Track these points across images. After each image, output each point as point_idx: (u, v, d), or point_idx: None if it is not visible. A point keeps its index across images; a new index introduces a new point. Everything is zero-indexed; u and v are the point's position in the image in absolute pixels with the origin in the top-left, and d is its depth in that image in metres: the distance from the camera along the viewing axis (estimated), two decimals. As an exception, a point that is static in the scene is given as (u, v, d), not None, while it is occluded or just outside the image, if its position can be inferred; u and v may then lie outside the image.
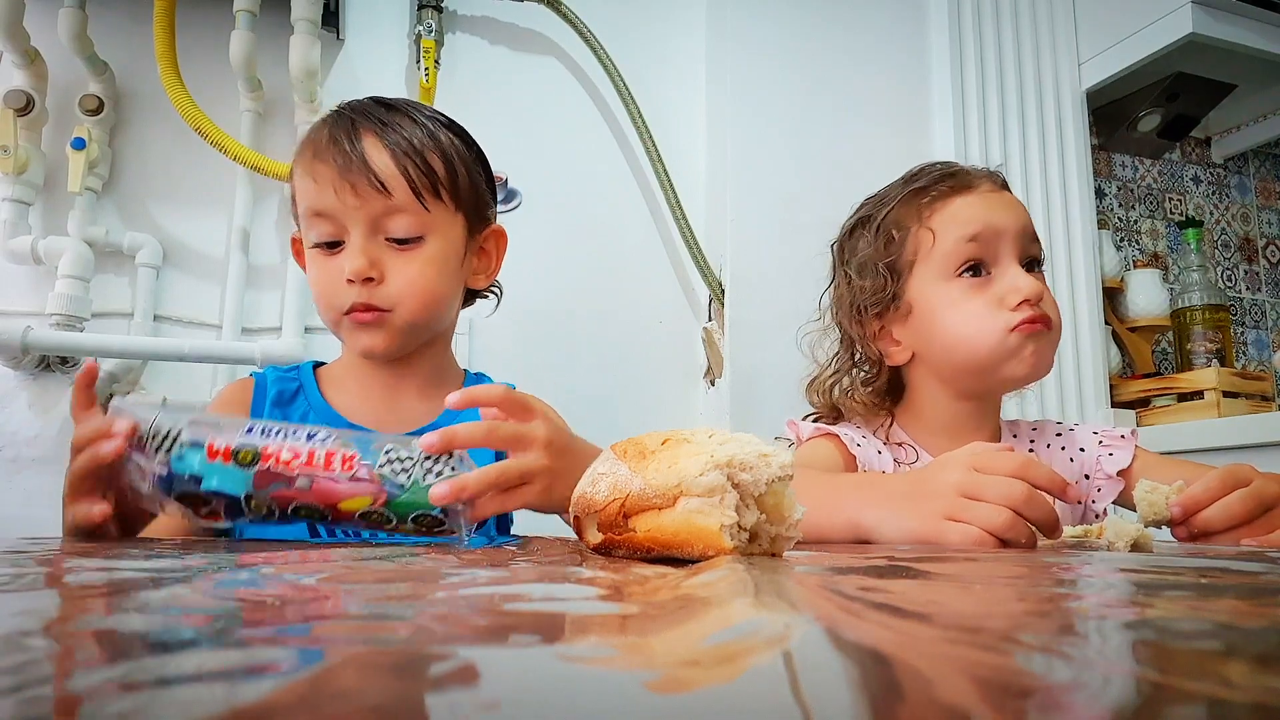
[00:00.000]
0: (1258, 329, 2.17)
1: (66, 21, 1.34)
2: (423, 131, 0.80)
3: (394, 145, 0.77)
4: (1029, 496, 0.57)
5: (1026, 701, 0.14)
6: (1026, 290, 0.86)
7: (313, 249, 0.79)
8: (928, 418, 0.94)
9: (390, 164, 0.77)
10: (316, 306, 0.82)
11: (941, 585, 0.32)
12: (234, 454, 0.54)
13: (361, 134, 0.77)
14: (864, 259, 0.95)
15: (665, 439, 0.45)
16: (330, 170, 0.76)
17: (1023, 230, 0.90)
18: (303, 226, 0.81)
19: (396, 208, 0.77)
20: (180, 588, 0.30)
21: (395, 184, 0.76)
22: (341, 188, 0.75)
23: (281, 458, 0.55)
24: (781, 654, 0.18)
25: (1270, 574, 0.35)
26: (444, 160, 0.80)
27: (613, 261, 1.70)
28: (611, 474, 0.44)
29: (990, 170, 0.95)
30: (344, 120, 0.79)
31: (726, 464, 0.40)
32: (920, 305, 0.91)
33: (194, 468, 0.54)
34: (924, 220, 0.91)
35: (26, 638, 0.20)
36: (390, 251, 0.78)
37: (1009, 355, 0.86)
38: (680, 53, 1.80)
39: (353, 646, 0.19)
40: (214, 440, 0.55)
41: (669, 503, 0.41)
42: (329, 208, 0.77)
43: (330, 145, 0.77)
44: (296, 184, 0.80)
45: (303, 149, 0.80)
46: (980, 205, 0.90)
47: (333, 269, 0.78)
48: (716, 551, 0.39)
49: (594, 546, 0.46)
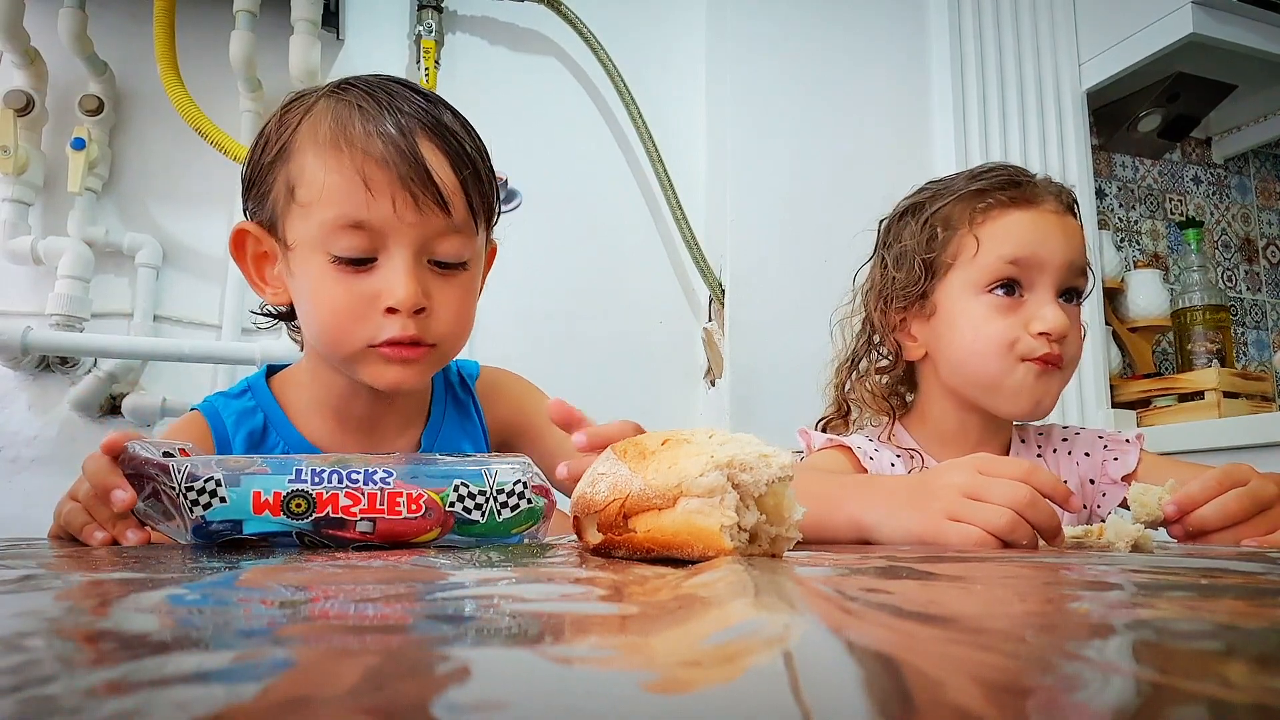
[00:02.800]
0: (1258, 329, 2.17)
1: (66, 21, 1.34)
2: (470, 136, 0.69)
3: (452, 152, 0.66)
4: (1032, 499, 0.57)
5: (1027, 701, 0.14)
6: (1051, 324, 0.83)
7: (330, 262, 0.65)
8: (936, 423, 0.93)
9: (451, 175, 0.65)
10: (317, 330, 0.68)
11: (942, 586, 0.32)
12: (284, 504, 0.50)
13: (418, 134, 0.65)
14: (904, 249, 0.93)
15: (665, 439, 0.44)
16: (387, 176, 0.63)
17: (1069, 263, 0.86)
18: (316, 232, 0.65)
19: (453, 229, 0.66)
20: (180, 588, 0.30)
21: (456, 201, 0.65)
22: (402, 200, 0.63)
23: (340, 504, 0.50)
24: (782, 655, 0.18)
25: (1270, 574, 0.35)
26: (489, 174, 0.70)
27: (613, 261, 1.70)
28: (611, 474, 0.44)
29: (1061, 188, 0.91)
30: (385, 109, 0.65)
31: (726, 464, 0.40)
32: (944, 310, 0.90)
33: (234, 514, 0.51)
34: (974, 225, 0.88)
35: (26, 638, 0.20)
36: (434, 277, 0.67)
37: (1014, 385, 0.86)
38: (680, 53, 1.80)
39: (352, 647, 0.19)
40: (257, 489, 0.50)
41: (669, 503, 0.41)
42: (375, 220, 0.63)
43: (383, 143, 0.63)
44: (324, 179, 0.64)
45: (337, 137, 0.64)
46: (1033, 227, 0.87)
47: (362, 291, 0.65)
48: (716, 552, 0.39)
49: (594, 547, 0.45)
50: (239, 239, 0.72)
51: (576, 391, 0.61)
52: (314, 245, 0.66)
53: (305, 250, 0.66)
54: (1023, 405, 0.87)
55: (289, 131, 0.67)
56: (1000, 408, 0.88)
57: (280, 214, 0.68)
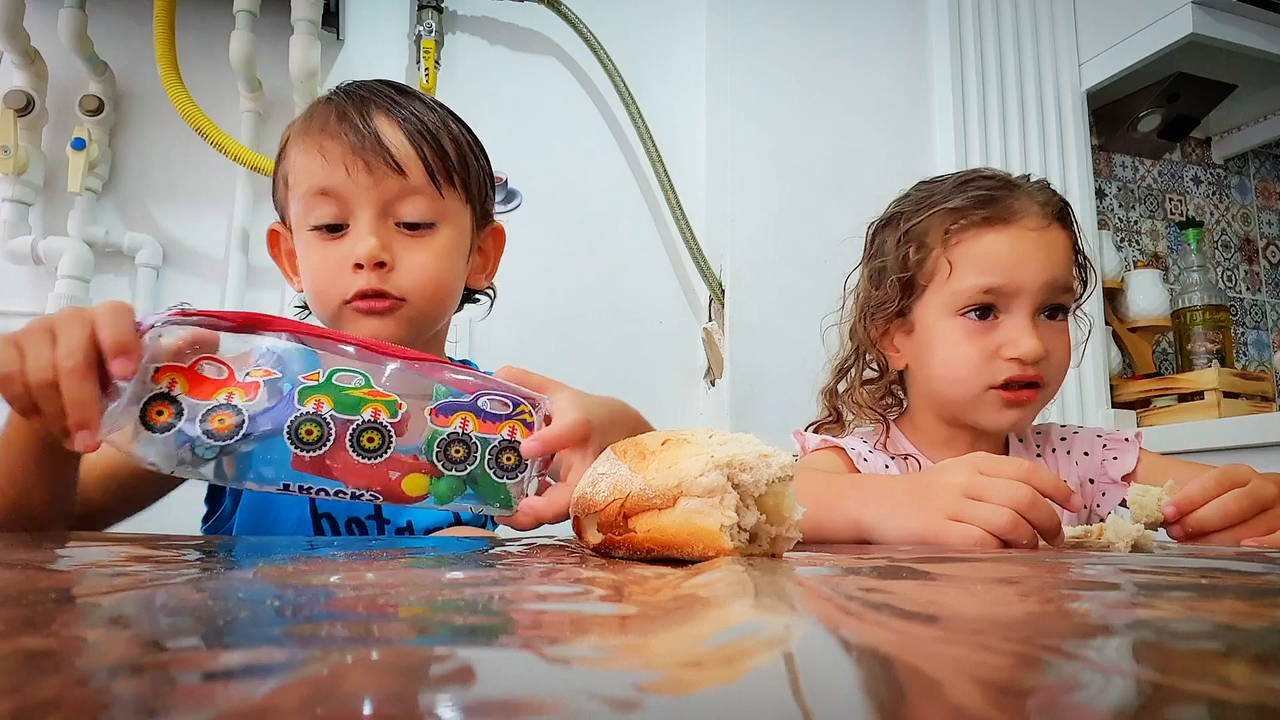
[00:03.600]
0: (1258, 329, 2.17)
1: (66, 21, 1.34)
2: (435, 115, 0.76)
3: (409, 125, 0.73)
4: (1033, 499, 0.57)
5: (1027, 701, 0.14)
6: (1024, 351, 0.82)
7: (310, 232, 0.73)
8: (927, 431, 0.93)
9: (406, 143, 0.72)
10: (309, 296, 0.76)
11: (942, 586, 0.32)
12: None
13: (374, 111, 0.73)
14: (882, 265, 0.92)
15: (665, 439, 0.44)
16: (340, 146, 0.71)
17: (1048, 283, 0.84)
18: (299, 209, 0.74)
19: (411, 189, 0.72)
20: (179, 587, 0.30)
21: (411, 164, 0.72)
22: (354, 165, 0.70)
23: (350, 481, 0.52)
24: (782, 655, 0.18)
25: (1270, 574, 0.35)
26: (456, 146, 0.75)
27: (613, 261, 1.70)
28: (611, 474, 0.44)
29: (1046, 197, 0.87)
30: (353, 97, 0.74)
31: (726, 464, 0.40)
32: (921, 328, 0.90)
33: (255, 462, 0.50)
34: (947, 247, 0.86)
35: (25, 638, 0.20)
36: (401, 237, 0.73)
37: (986, 409, 0.86)
38: (680, 53, 1.80)
39: (351, 647, 0.19)
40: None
41: (669, 503, 0.41)
42: (337, 186, 0.71)
43: (340, 121, 0.72)
44: (294, 162, 0.74)
45: (304, 126, 0.75)
46: (1009, 250, 0.84)
47: (335, 254, 0.72)
48: (716, 552, 0.39)
49: (594, 547, 0.45)
50: (272, 238, 0.82)
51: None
52: (301, 222, 0.74)
53: (298, 231, 0.75)
54: (1001, 424, 0.86)
55: (287, 133, 0.77)
56: (980, 427, 0.88)
57: (284, 206, 0.78)
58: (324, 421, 0.51)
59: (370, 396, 0.52)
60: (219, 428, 0.50)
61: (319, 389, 0.51)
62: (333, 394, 0.51)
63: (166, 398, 0.50)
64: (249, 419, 0.50)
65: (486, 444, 0.54)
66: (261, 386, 0.51)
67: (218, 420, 0.50)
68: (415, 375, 0.54)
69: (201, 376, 0.51)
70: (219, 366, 0.52)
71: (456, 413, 0.53)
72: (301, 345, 0.53)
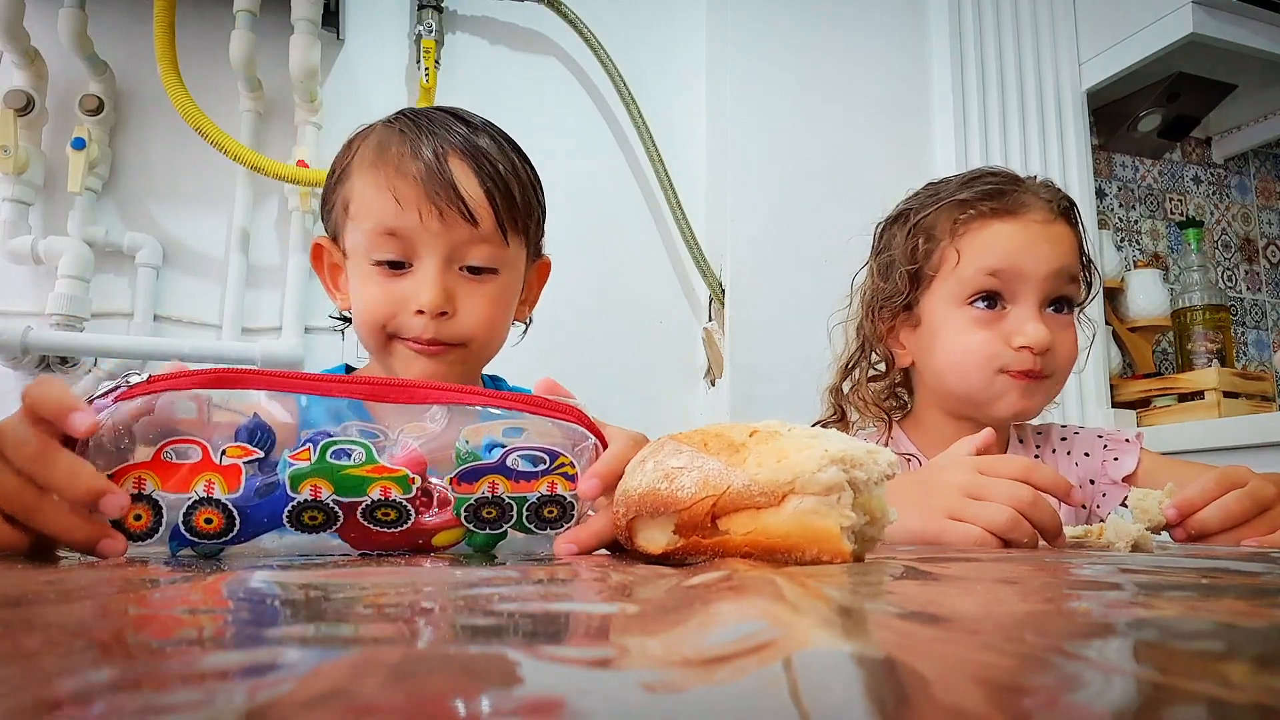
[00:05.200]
0: (1258, 329, 2.17)
1: (66, 21, 1.34)
2: (505, 158, 0.76)
3: (483, 172, 0.73)
4: (1034, 499, 0.57)
5: (1027, 701, 0.14)
6: (1031, 338, 0.83)
7: (372, 266, 0.74)
8: (931, 430, 0.93)
9: (479, 192, 0.73)
10: (359, 323, 0.76)
11: (942, 586, 0.32)
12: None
13: (449, 152, 0.73)
14: (890, 259, 0.93)
15: (753, 430, 0.39)
16: (415, 191, 0.71)
17: (1055, 273, 0.85)
18: (363, 241, 0.74)
19: (480, 238, 0.73)
20: (180, 587, 0.30)
21: (483, 213, 0.72)
22: (427, 211, 0.71)
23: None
24: (782, 655, 0.18)
25: (1271, 574, 0.35)
26: (523, 191, 0.76)
27: (613, 261, 1.70)
28: (696, 468, 0.38)
29: (1056, 194, 0.89)
30: (424, 134, 0.74)
31: (840, 459, 0.36)
32: (928, 322, 0.90)
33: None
34: (955, 237, 0.87)
35: (25, 638, 0.20)
36: (464, 282, 0.74)
37: (995, 396, 0.86)
38: (680, 53, 1.80)
39: (351, 647, 0.19)
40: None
41: (774, 501, 0.36)
42: (407, 230, 0.72)
43: (414, 161, 0.72)
44: (361, 195, 0.74)
45: (375, 158, 0.74)
46: (1015, 239, 0.85)
47: (396, 291, 0.73)
48: (831, 556, 0.35)
49: (659, 553, 0.40)
50: (317, 251, 0.83)
51: (576, 391, 0.61)
52: (360, 253, 0.75)
53: (355, 257, 0.76)
54: (1009, 411, 0.86)
55: (349, 157, 0.77)
56: (988, 416, 0.88)
57: (340, 228, 0.78)
58: (327, 507, 0.44)
59: (375, 474, 0.44)
60: (206, 528, 0.44)
61: (312, 472, 0.44)
62: (329, 476, 0.44)
63: (139, 498, 0.43)
64: (240, 519, 0.44)
65: (523, 502, 0.47)
66: (243, 472, 0.44)
67: (203, 520, 0.43)
68: (427, 441, 0.47)
69: (170, 465, 0.43)
70: (187, 448, 0.44)
71: (482, 478, 0.47)
72: (284, 416, 0.46)
